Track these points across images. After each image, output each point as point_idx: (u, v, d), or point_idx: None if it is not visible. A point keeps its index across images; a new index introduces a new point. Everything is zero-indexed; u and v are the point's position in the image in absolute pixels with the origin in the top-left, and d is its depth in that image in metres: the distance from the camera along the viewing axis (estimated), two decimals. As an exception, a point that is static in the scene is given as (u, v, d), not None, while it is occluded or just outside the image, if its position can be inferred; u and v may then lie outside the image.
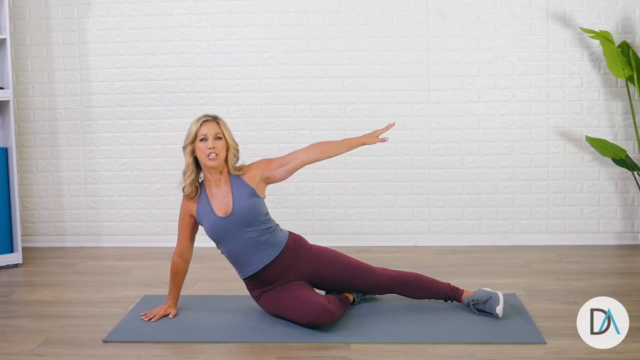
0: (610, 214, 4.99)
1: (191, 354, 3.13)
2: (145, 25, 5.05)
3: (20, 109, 5.14)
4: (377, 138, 3.54)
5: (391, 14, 4.97)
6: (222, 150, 3.41)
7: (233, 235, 3.43)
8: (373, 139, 3.55)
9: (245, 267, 3.47)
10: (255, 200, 3.45)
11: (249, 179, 3.47)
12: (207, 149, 3.38)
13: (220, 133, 3.43)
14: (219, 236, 3.47)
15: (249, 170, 3.50)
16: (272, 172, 3.50)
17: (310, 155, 3.51)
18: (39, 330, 3.44)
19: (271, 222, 3.50)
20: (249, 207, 3.42)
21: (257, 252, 3.44)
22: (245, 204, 3.42)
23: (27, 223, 5.20)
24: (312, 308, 3.29)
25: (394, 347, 3.15)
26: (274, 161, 3.52)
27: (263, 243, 3.44)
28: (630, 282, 4.10)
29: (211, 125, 3.43)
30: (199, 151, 3.41)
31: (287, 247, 3.49)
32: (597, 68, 4.91)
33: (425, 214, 5.06)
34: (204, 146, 3.39)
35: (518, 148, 4.99)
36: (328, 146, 3.55)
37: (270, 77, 5.03)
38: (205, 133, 3.40)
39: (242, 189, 3.44)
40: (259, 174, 3.48)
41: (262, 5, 5.00)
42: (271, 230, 3.47)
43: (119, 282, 4.24)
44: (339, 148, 3.56)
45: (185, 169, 3.49)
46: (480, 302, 3.47)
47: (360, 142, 3.57)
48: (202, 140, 3.40)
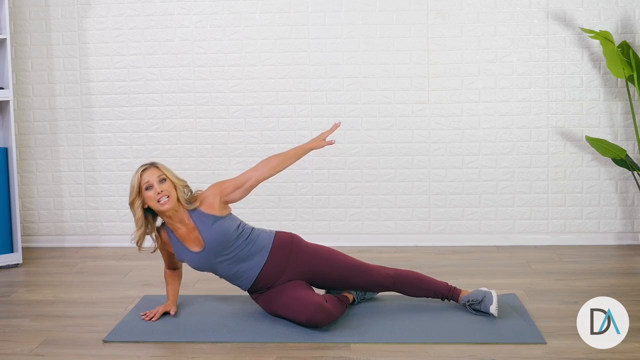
0: (610, 214, 4.99)
1: (191, 354, 3.13)
2: (145, 25, 5.05)
3: (20, 109, 5.14)
4: (324, 141, 3.51)
5: (391, 14, 4.97)
6: (171, 190, 3.36)
7: (216, 261, 3.45)
8: (320, 142, 3.51)
9: (243, 281, 3.49)
10: (221, 224, 3.41)
11: (207, 209, 3.42)
12: (156, 194, 3.33)
13: (163, 175, 3.37)
14: (206, 267, 3.49)
15: (204, 200, 3.43)
16: (229, 197, 3.45)
17: (264, 172, 3.47)
18: (39, 330, 3.44)
19: (246, 232, 3.47)
20: (218, 234, 3.39)
21: (246, 263, 3.46)
22: (213, 233, 3.39)
23: (27, 223, 5.20)
24: (309, 307, 3.29)
25: (394, 347, 3.15)
26: (227, 185, 3.45)
27: (247, 254, 3.45)
28: (630, 282, 4.10)
29: (151, 171, 3.37)
30: (149, 200, 3.35)
31: (274, 247, 3.49)
32: (597, 68, 4.91)
33: (425, 214, 5.06)
34: (152, 194, 3.34)
35: (518, 148, 4.99)
36: (278, 160, 3.49)
37: (270, 77, 5.03)
38: (148, 180, 3.35)
39: (204, 220, 3.41)
40: (216, 202, 3.42)
41: (262, 5, 5.00)
42: (251, 238, 3.46)
43: (119, 282, 4.24)
44: (289, 159, 3.51)
45: (135, 223, 3.42)
46: (476, 303, 3.48)
47: (307, 148, 3.53)
48: (148, 188, 3.35)
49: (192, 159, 5.09)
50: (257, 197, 4.95)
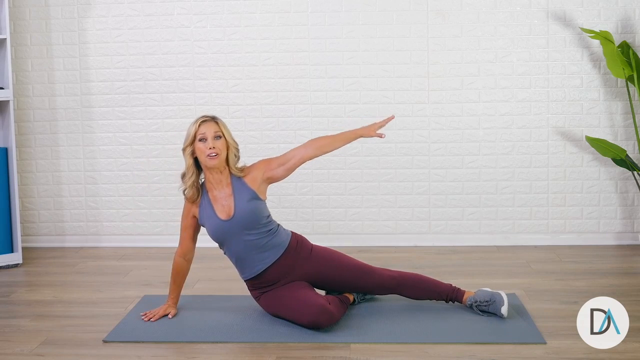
0: (610, 214, 4.99)
1: (191, 354, 3.13)
2: (145, 25, 5.06)
3: (20, 109, 5.14)
4: (374, 132, 3.50)
5: (391, 14, 4.97)
6: (223, 149, 3.40)
7: (236, 237, 3.43)
8: (370, 132, 3.50)
9: (248, 268, 3.48)
10: (257, 204, 3.44)
11: (250, 181, 3.46)
12: (207, 148, 3.37)
13: (220, 132, 3.42)
14: (221, 239, 3.46)
15: (250, 172, 3.48)
16: (273, 172, 3.48)
17: (309, 152, 3.48)
18: (39, 330, 3.44)
19: (273, 224, 3.50)
20: (251, 210, 3.41)
21: (259, 254, 3.44)
22: (246, 207, 3.41)
23: (27, 223, 5.20)
24: (312, 309, 3.29)
25: (394, 347, 3.15)
26: (273, 161, 3.50)
27: (265, 245, 3.44)
28: (630, 282, 4.10)
29: (210, 125, 3.42)
30: (199, 151, 3.39)
31: (289, 248, 3.49)
32: (597, 68, 4.91)
33: (425, 214, 5.06)
34: (203, 146, 3.38)
35: (518, 148, 4.99)
36: (326, 141, 3.51)
37: (270, 77, 5.03)
38: (204, 132, 3.39)
39: (243, 192, 3.43)
40: (259, 175, 3.47)
41: (262, 5, 5.00)
42: (272, 232, 3.47)
43: (119, 282, 4.24)
44: (337, 142, 3.52)
45: (186, 171, 3.47)
46: (484, 304, 3.47)
47: (357, 134, 3.53)
48: (202, 140, 3.39)
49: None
50: (257, 197, 4.95)
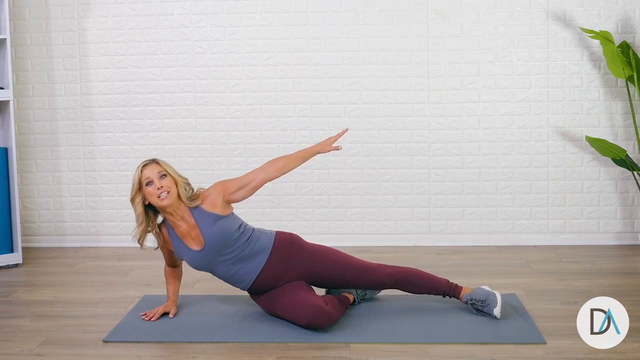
0: (610, 214, 4.99)
1: (191, 354, 3.13)
2: (145, 25, 5.06)
3: (20, 109, 5.14)
4: (330, 146, 3.50)
5: (391, 14, 4.97)
6: (172, 186, 3.36)
7: (217, 262, 3.43)
8: (326, 147, 3.50)
9: (240, 282, 3.48)
10: (222, 223, 3.40)
11: (209, 207, 3.41)
12: (156, 189, 3.33)
13: (163, 171, 3.38)
14: (205, 267, 3.47)
15: (207, 197, 3.43)
16: (232, 196, 3.44)
17: (269, 174, 3.46)
18: (39, 330, 3.44)
19: (247, 232, 3.46)
20: (219, 233, 3.38)
21: (245, 265, 3.44)
22: (214, 231, 3.38)
23: (27, 223, 5.20)
24: (309, 310, 3.29)
25: (394, 347, 3.15)
26: (231, 184, 3.45)
27: (248, 255, 3.44)
28: (630, 282, 4.10)
29: (152, 167, 3.38)
30: (150, 196, 3.35)
31: (274, 249, 3.47)
32: (597, 68, 4.91)
33: (425, 214, 5.06)
34: (152, 189, 3.34)
35: (518, 148, 4.99)
36: (284, 162, 3.48)
37: (270, 77, 5.03)
38: (148, 176, 3.35)
39: (206, 219, 3.40)
40: (219, 200, 3.42)
41: (262, 5, 5.00)
42: (251, 240, 3.45)
43: (119, 282, 4.24)
44: (294, 162, 3.50)
45: (136, 220, 3.42)
46: (478, 303, 3.47)
47: (313, 151, 3.52)
48: (148, 184, 3.35)
49: (192, 159, 5.09)
50: (257, 197, 4.93)
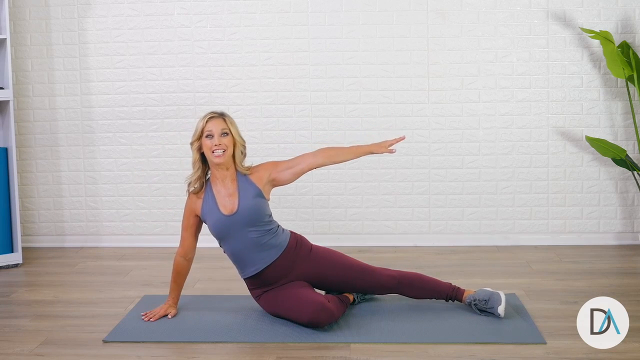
0: (610, 214, 4.99)
1: (191, 354, 3.13)
2: (145, 25, 5.06)
3: (20, 109, 5.14)
4: (385, 148, 3.52)
5: (391, 14, 4.97)
6: (229, 146, 3.42)
7: (236, 234, 3.43)
8: (381, 148, 3.53)
9: (247, 267, 3.48)
10: (261, 201, 3.45)
11: (256, 179, 3.48)
12: (213, 145, 3.39)
13: (227, 129, 3.43)
14: (222, 234, 3.47)
15: (256, 171, 3.50)
16: (279, 174, 3.50)
17: (318, 160, 3.51)
18: (39, 330, 3.44)
19: (273, 224, 3.51)
20: (254, 207, 3.42)
21: (259, 252, 3.44)
22: (250, 203, 3.42)
23: (27, 223, 5.20)
24: (311, 307, 3.29)
25: (394, 347, 3.15)
26: (281, 163, 3.52)
27: (265, 244, 3.44)
28: (630, 282, 4.10)
29: (217, 121, 3.43)
30: (206, 148, 3.41)
31: (288, 248, 3.49)
32: (597, 68, 4.91)
33: (425, 214, 5.06)
34: (210, 143, 3.40)
35: (518, 148, 4.99)
36: (336, 152, 3.55)
37: (270, 77, 5.03)
38: (211, 129, 3.41)
39: (248, 188, 3.45)
40: (266, 175, 3.49)
41: (262, 5, 5.00)
42: (273, 231, 3.48)
43: (119, 282, 4.24)
44: (347, 155, 3.56)
45: (192, 165, 3.51)
46: (482, 302, 3.47)
47: (368, 150, 3.56)
48: (208, 136, 3.41)
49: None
50: (257, 197, 4.95)
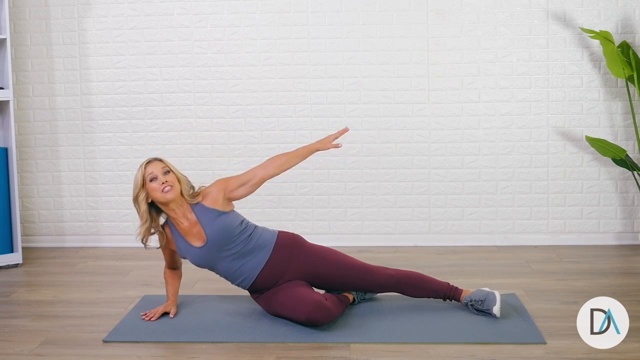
0: (610, 214, 4.99)
1: (191, 354, 3.13)
2: (145, 25, 5.06)
3: (20, 109, 5.14)
4: (330, 144, 3.51)
5: (391, 14, 4.97)
6: (175, 182, 3.38)
7: (219, 258, 3.44)
8: (326, 144, 3.52)
9: (243, 280, 3.49)
10: (225, 219, 3.42)
11: (210, 203, 3.43)
12: (160, 184, 3.35)
13: (167, 167, 3.41)
14: (207, 264, 3.48)
15: (208, 194, 3.45)
16: (233, 193, 3.46)
17: (270, 171, 3.48)
18: (39, 330, 3.44)
19: (250, 229, 3.48)
20: (221, 228, 3.40)
21: (247, 262, 3.45)
22: (215, 227, 3.40)
23: (27, 223, 5.20)
24: (308, 305, 3.29)
25: (394, 347, 3.15)
26: (232, 182, 3.47)
27: (250, 251, 3.45)
28: (630, 282, 4.10)
29: (155, 163, 3.41)
30: (153, 191, 3.36)
31: (277, 246, 3.49)
32: (597, 68, 4.91)
33: (425, 214, 5.06)
34: (156, 185, 3.36)
35: (518, 148, 4.99)
36: (284, 159, 3.50)
37: (270, 77, 5.03)
38: (152, 171, 3.37)
39: (207, 215, 3.41)
40: (220, 197, 3.44)
41: (262, 5, 5.00)
42: (253, 236, 3.46)
43: (119, 282, 4.24)
44: (295, 159, 3.52)
45: (140, 219, 3.42)
46: (478, 303, 3.48)
47: (313, 148, 3.54)
48: (152, 180, 3.37)
49: (192, 159, 5.10)
50: (257, 197, 4.94)
